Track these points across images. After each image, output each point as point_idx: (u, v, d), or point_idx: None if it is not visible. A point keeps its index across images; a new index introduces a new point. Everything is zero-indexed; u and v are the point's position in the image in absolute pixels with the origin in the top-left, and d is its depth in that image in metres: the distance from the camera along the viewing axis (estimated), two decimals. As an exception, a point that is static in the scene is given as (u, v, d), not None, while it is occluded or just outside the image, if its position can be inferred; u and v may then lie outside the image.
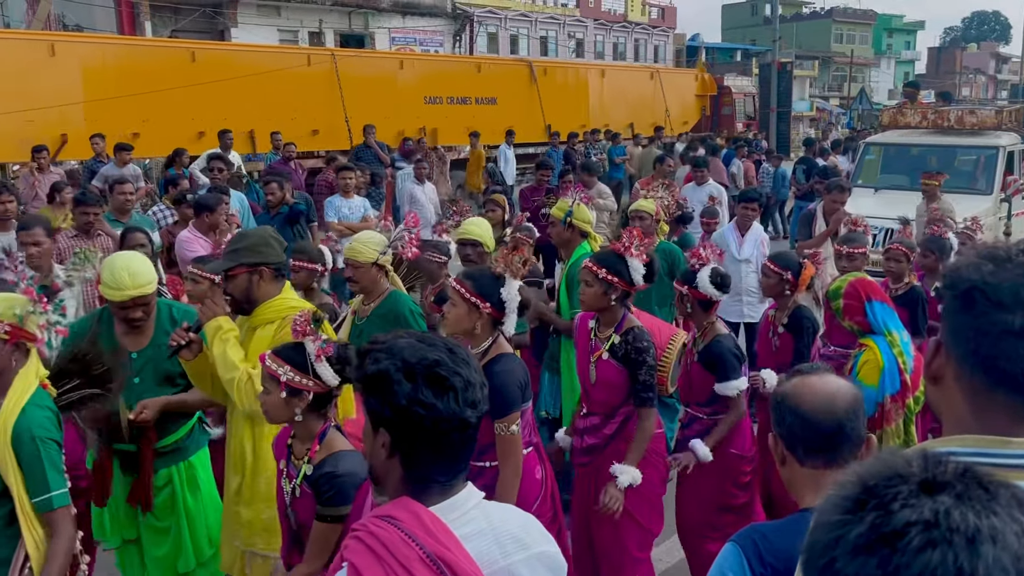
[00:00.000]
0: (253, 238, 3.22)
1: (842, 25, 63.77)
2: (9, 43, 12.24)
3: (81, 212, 5.94)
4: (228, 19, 29.39)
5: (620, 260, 3.42)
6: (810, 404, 1.76)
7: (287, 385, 2.47)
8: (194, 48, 14.37)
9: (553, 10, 41.00)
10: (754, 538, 1.72)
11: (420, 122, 16.13)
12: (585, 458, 3.57)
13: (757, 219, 6.83)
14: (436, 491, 1.52)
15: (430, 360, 1.49)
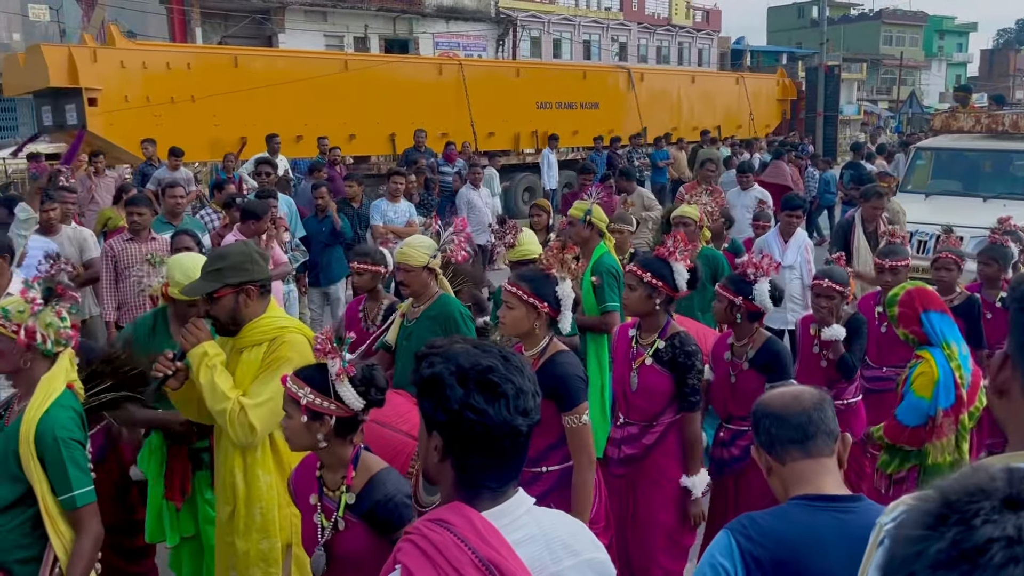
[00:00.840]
0: (236, 255, 3.00)
1: (891, 27, 62.61)
2: (199, 56, 14.26)
3: (130, 213, 6.07)
4: (276, 25, 29.88)
5: (664, 264, 3.43)
6: (778, 402, 1.93)
7: (308, 408, 2.31)
8: (346, 59, 16.53)
9: (596, 14, 40.93)
10: (744, 522, 1.84)
11: (533, 126, 17.53)
12: (622, 469, 3.53)
13: (801, 225, 6.75)
14: (487, 496, 1.53)
15: (483, 366, 1.51)
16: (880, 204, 6.81)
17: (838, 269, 4.38)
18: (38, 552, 2.58)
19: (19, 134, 24.93)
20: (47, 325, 2.65)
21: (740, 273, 3.81)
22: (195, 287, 2.95)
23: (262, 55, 16.48)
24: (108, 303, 6.01)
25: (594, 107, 18.95)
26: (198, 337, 2.91)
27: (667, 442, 3.43)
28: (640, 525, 3.48)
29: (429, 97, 15.86)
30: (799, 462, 1.87)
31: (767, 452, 1.91)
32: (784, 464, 1.88)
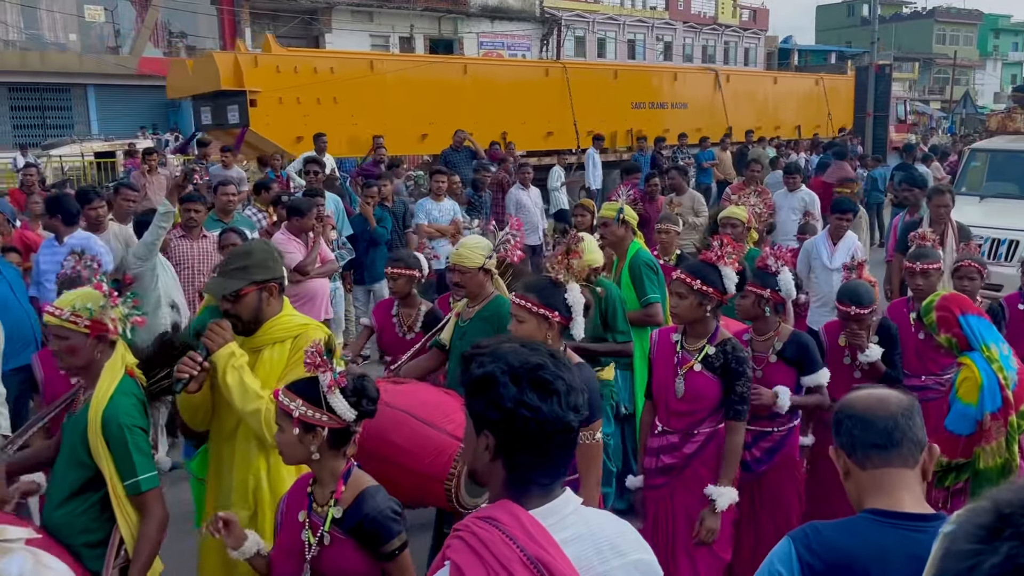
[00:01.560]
0: (260, 253, 2.98)
1: (945, 25, 61.17)
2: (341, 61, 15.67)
3: (186, 209, 6.19)
4: (323, 25, 30.26)
5: (713, 269, 3.37)
6: (863, 404, 1.81)
7: (300, 420, 2.30)
8: (465, 63, 17.90)
9: (641, 13, 40.67)
10: (807, 531, 1.77)
11: (628, 124, 18.37)
12: (660, 479, 3.46)
13: (851, 228, 6.61)
14: (537, 494, 1.55)
15: (534, 364, 1.53)
16: (943, 202, 6.56)
17: (863, 287, 4.14)
18: (104, 536, 2.65)
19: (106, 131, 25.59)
20: (124, 316, 2.73)
21: (761, 267, 3.80)
22: (222, 285, 2.91)
23: (393, 60, 18.05)
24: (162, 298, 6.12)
25: (683, 107, 19.77)
26: (224, 337, 2.85)
27: (706, 452, 3.38)
28: (681, 537, 3.41)
29: (536, 97, 16.96)
30: (880, 470, 1.76)
31: (847, 455, 1.81)
32: (864, 470, 1.78)
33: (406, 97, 15.08)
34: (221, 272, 2.97)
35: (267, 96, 13.59)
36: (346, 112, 14.31)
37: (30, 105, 26.80)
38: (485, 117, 15.87)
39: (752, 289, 3.75)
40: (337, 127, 13.70)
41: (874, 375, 4.07)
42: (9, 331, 5.54)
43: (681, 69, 24.73)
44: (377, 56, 17.38)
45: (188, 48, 29.58)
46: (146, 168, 10.92)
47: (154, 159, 10.91)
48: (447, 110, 15.34)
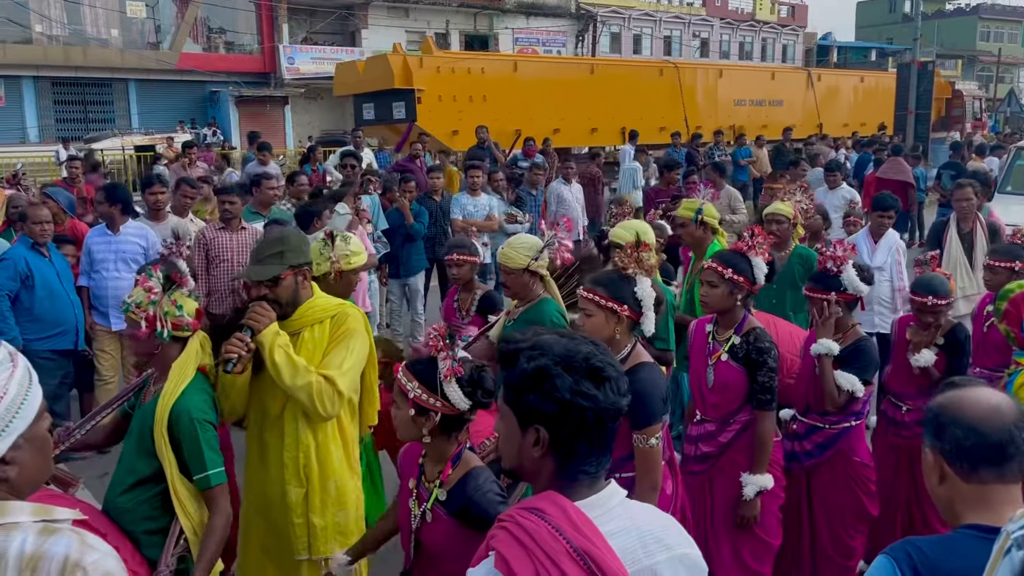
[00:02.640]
0: (293, 238, 3.07)
1: (989, 22, 59.85)
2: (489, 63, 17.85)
3: (222, 202, 6.25)
4: (359, 21, 30.44)
5: (744, 259, 3.37)
6: (974, 412, 1.64)
7: (415, 402, 2.33)
8: (592, 64, 19.83)
9: (678, 9, 40.34)
10: (908, 550, 1.64)
11: (731, 120, 19.84)
12: (698, 466, 3.48)
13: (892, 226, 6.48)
14: (585, 483, 1.54)
15: (584, 352, 1.53)
16: (964, 196, 6.46)
17: (939, 279, 4.08)
18: (164, 525, 2.69)
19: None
20: (165, 313, 2.75)
21: (821, 270, 3.74)
22: (262, 270, 2.97)
23: (531, 61, 20.38)
24: (199, 290, 6.20)
25: (779, 104, 21.32)
26: (269, 317, 2.89)
27: (743, 440, 3.38)
28: (720, 523, 3.43)
29: (652, 95, 18.76)
30: (988, 485, 1.63)
31: (949, 463, 1.66)
32: (968, 482, 1.64)
33: (541, 95, 16.75)
34: (257, 259, 3.03)
35: (429, 94, 15.15)
36: (492, 109, 15.86)
37: (72, 99, 27.29)
38: (608, 113, 17.65)
39: (815, 296, 3.70)
40: (484, 122, 14.91)
41: (931, 382, 3.99)
42: (53, 318, 5.68)
43: (778, 69, 26.71)
44: (520, 58, 19.90)
45: (227, 44, 29.96)
46: (186, 161, 11.06)
47: (193, 152, 11.04)
48: (576, 106, 17.09)
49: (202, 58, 28.33)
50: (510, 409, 1.57)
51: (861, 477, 3.73)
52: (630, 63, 24.74)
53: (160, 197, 6.41)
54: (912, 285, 4.17)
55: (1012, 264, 4.45)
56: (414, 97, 15.00)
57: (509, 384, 1.56)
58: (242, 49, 29.91)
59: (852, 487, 3.71)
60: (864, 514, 3.74)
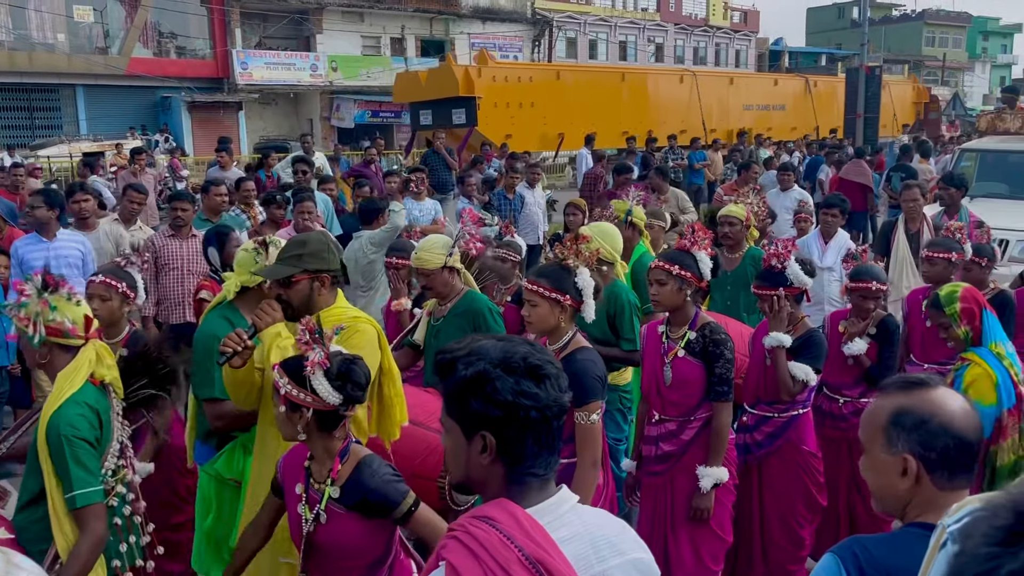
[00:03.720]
0: (315, 243, 3.02)
1: (934, 28, 61.43)
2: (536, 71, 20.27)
3: (174, 208, 6.15)
4: (314, 26, 30.19)
5: (688, 255, 3.48)
6: (962, 422, 1.64)
7: (286, 398, 2.32)
8: (623, 71, 22.42)
9: (633, 15, 40.73)
10: (855, 550, 1.64)
11: (741, 124, 21.51)
12: (660, 466, 3.52)
13: (841, 226, 6.61)
14: (536, 486, 1.53)
15: (521, 353, 1.52)
16: (911, 196, 6.65)
17: (876, 267, 4.34)
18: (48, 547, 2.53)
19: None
20: (36, 315, 2.59)
21: (767, 268, 3.88)
22: (275, 270, 2.96)
23: (571, 70, 22.46)
24: (148, 299, 6.07)
25: (781, 109, 23.33)
26: (273, 317, 2.87)
27: (705, 436, 3.44)
28: (681, 522, 3.47)
29: (673, 99, 21.02)
30: (957, 492, 1.63)
31: (930, 470, 1.63)
32: (942, 490, 1.63)
33: (580, 100, 18.70)
34: (277, 259, 3.03)
35: (487, 101, 16.77)
36: (539, 114, 17.89)
37: (18, 105, 26.62)
38: (636, 117, 19.64)
39: (764, 292, 3.83)
40: (532, 126, 17.40)
41: (863, 365, 4.17)
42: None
43: (781, 76, 28.62)
44: (562, 67, 22.77)
45: (178, 49, 29.49)
46: (136, 168, 10.84)
47: (143, 159, 10.83)
48: (610, 111, 19.03)
49: (152, 63, 27.84)
50: (453, 421, 1.55)
51: (810, 467, 3.82)
52: (655, 71, 26.98)
53: (84, 205, 6.15)
54: (852, 274, 4.29)
55: (948, 255, 4.61)
56: (475, 104, 16.46)
57: (449, 394, 1.54)
58: (194, 54, 29.46)
59: (801, 477, 3.80)
60: (814, 503, 3.83)
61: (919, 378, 1.72)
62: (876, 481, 1.71)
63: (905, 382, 1.72)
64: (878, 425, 1.69)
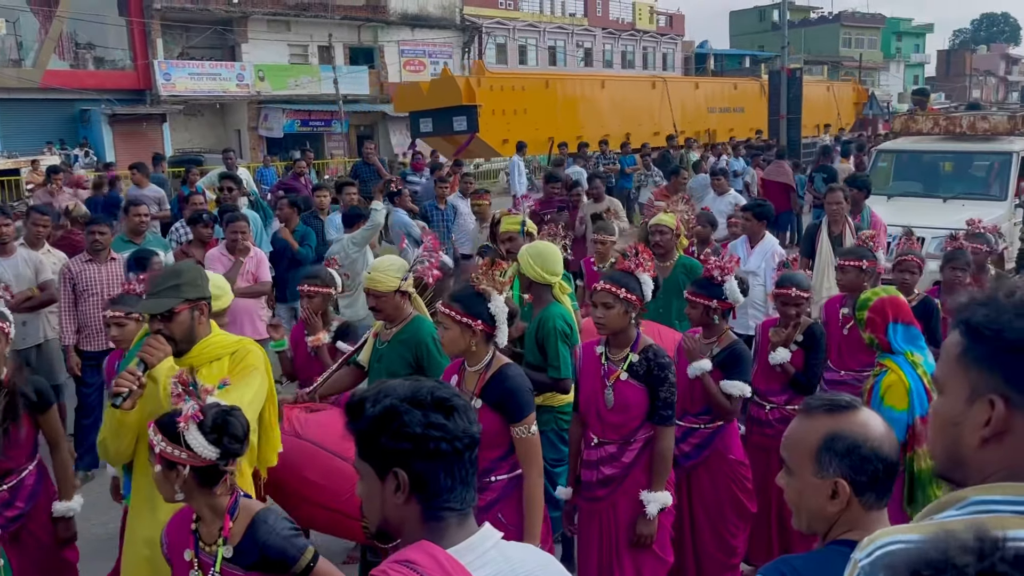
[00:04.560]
0: (190, 272, 2.97)
1: (851, 29, 63.53)
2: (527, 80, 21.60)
3: (91, 232, 5.94)
4: (239, 35, 29.61)
5: (632, 278, 3.45)
6: (888, 447, 1.69)
7: (161, 456, 2.22)
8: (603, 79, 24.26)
9: (561, 20, 41.07)
10: (782, 569, 1.67)
11: (707, 125, 23.66)
12: (602, 491, 3.47)
13: (766, 230, 6.71)
14: (454, 523, 1.53)
15: (427, 388, 1.54)
16: (835, 199, 6.76)
17: (800, 275, 4.42)
18: None
19: None
20: None
21: (706, 277, 3.91)
22: (156, 303, 2.85)
23: (558, 78, 23.69)
24: (67, 326, 5.86)
25: (740, 111, 25.00)
26: (164, 351, 2.77)
27: (645, 458, 3.42)
28: (625, 546, 3.43)
29: (648, 104, 22.68)
30: (881, 512, 1.70)
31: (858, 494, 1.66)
32: (869, 511, 1.68)
33: (566, 107, 20.58)
34: (151, 293, 2.92)
35: (485, 109, 18.17)
36: (531, 120, 19.28)
37: (-74, 121, 25.45)
38: (615, 121, 21.15)
39: (698, 300, 3.87)
40: (525, 132, 18.17)
41: (788, 372, 4.26)
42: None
43: (740, 80, 30.21)
44: (551, 76, 24.20)
45: (96, 60, 28.58)
46: (54, 188, 10.41)
47: (59, 179, 10.41)
48: (592, 117, 20.83)
49: (70, 75, 26.90)
50: (365, 462, 1.55)
51: (738, 475, 3.86)
52: (631, 79, 29.06)
53: (4, 230, 5.88)
54: (776, 281, 4.41)
55: (859, 263, 4.72)
56: (476, 112, 17.79)
57: (360, 434, 1.54)
58: (113, 65, 28.57)
59: (730, 486, 3.84)
60: (744, 512, 3.87)
61: (844, 400, 1.75)
62: (803, 503, 1.73)
63: (831, 405, 1.74)
64: (808, 450, 1.70)
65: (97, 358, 5.86)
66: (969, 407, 1.17)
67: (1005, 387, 1.13)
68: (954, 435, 1.19)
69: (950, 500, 1.16)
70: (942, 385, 1.23)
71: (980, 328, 1.15)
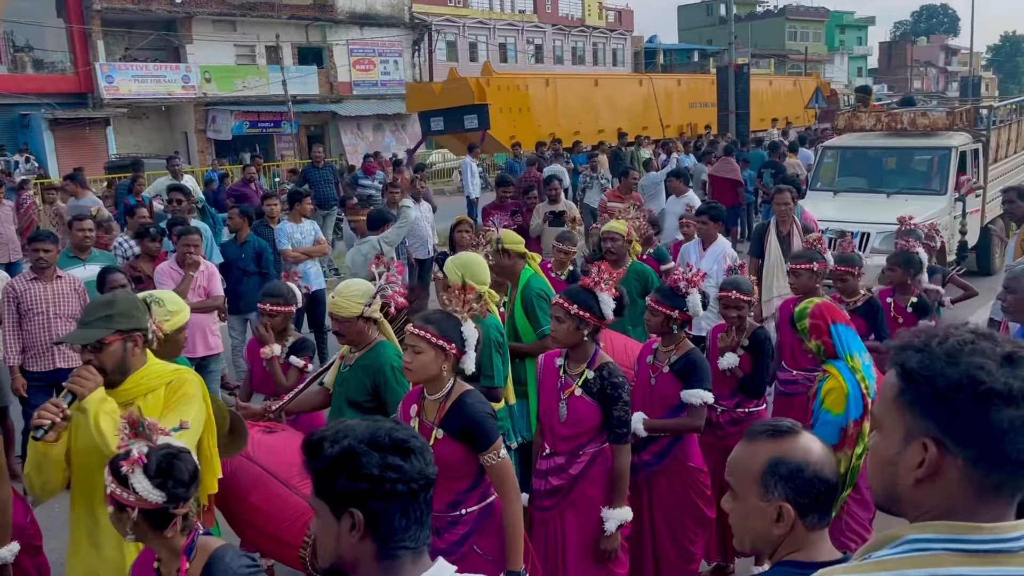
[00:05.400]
0: (124, 302, 2.89)
1: (796, 23, 64.68)
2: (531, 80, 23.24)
3: (36, 250, 5.76)
4: (183, 36, 29.05)
5: (590, 295, 3.44)
6: (829, 470, 1.76)
7: (111, 498, 2.22)
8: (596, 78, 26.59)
9: (511, 16, 41.09)
10: None
11: (688, 119, 25.34)
12: (549, 500, 3.51)
13: (720, 232, 6.78)
14: (408, 561, 1.56)
15: (386, 428, 1.57)
16: (782, 200, 6.84)
17: (743, 279, 4.51)
18: None
19: None
20: None
21: (671, 286, 3.93)
22: (85, 334, 2.79)
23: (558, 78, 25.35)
24: (12, 347, 5.71)
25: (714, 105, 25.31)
26: (94, 382, 2.70)
27: (592, 471, 3.45)
28: (572, 556, 3.47)
29: (637, 100, 24.41)
30: (823, 532, 1.76)
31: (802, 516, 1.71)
32: (812, 531, 1.73)
33: (565, 104, 22.20)
34: (82, 322, 2.86)
35: (494, 108, 19.71)
36: (534, 118, 21.08)
37: None
38: (610, 118, 22.87)
39: (660, 308, 3.87)
40: (529, 129, 19.97)
41: (737, 376, 4.34)
42: None
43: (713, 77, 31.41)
44: (552, 75, 26.10)
45: (35, 62, 27.81)
46: None
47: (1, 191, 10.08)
48: (588, 114, 22.60)
49: (7, 79, 26.14)
50: (321, 500, 1.57)
51: (697, 483, 3.91)
52: (620, 77, 31.06)
53: None
54: (720, 285, 4.52)
55: (811, 265, 4.85)
56: (486, 110, 19.32)
57: (317, 473, 1.56)
58: (53, 68, 27.84)
59: (689, 493, 3.88)
60: (703, 518, 3.92)
61: (785, 425, 1.80)
62: (748, 526, 1.77)
63: (773, 430, 1.79)
64: (753, 474, 1.74)
65: (44, 378, 5.74)
66: (904, 448, 1.21)
67: (937, 431, 1.17)
68: (891, 473, 1.24)
69: (885, 539, 1.21)
70: (879, 424, 1.28)
71: (914, 373, 1.20)
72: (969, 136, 10.59)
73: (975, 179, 10.37)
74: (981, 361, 1.15)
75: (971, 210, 10.20)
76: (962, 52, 72.91)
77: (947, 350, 1.17)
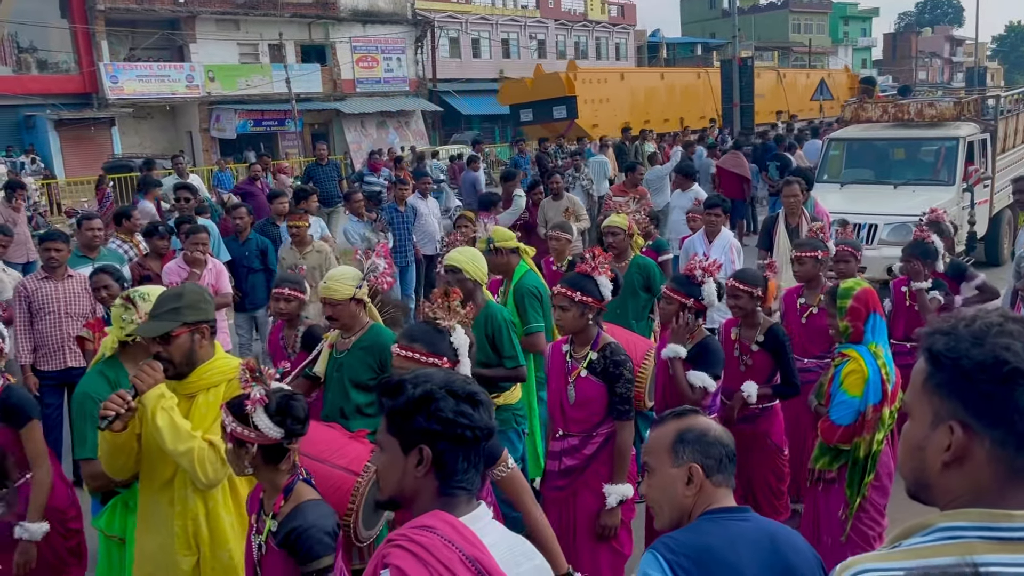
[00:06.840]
0: (192, 294, 2.94)
1: (799, 15, 64.51)
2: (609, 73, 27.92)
3: (47, 249, 5.79)
4: (187, 35, 29.09)
5: (589, 280, 3.56)
6: (726, 436, 2.07)
7: (231, 435, 2.43)
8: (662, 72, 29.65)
9: (514, 12, 41.02)
10: (665, 542, 1.95)
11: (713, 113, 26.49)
12: (563, 481, 3.59)
13: (725, 225, 6.78)
14: (464, 500, 1.74)
15: (460, 380, 1.79)
16: (791, 192, 6.86)
17: (751, 271, 4.55)
18: None
19: None
20: None
21: (687, 274, 3.97)
22: (153, 327, 2.84)
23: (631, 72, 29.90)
24: (23, 346, 5.73)
25: (761, 97, 26.41)
26: (155, 378, 2.77)
27: (606, 452, 3.52)
28: (583, 536, 3.53)
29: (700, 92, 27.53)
30: (729, 489, 2.04)
31: (709, 475, 2.00)
32: (717, 486, 2.01)
33: (635, 97, 25.40)
34: (152, 315, 2.92)
35: (581, 99, 22.57)
36: (612, 108, 23.94)
37: None
38: (672, 109, 26.03)
39: (675, 296, 3.93)
40: (609, 119, 22.80)
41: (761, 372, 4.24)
42: None
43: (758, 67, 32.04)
44: (625, 70, 30.53)
45: (40, 63, 27.88)
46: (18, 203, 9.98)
47: (21, 195, 10.02)
48: (656, 105, 25.80)
49: (12, 80, 26.22)
50: (392, 436, 1.74)
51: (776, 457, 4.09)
52: (687, 70, 32.87)
53: None
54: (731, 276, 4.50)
55: (815, 253, 4.89)
56: (575, 101, 22.27)
57: (395, 410, 1.73)
58: (58, 69, 27.91)
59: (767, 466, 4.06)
60: None
61: (685, 408, 2.14)
62: (663, 496, 2.03)
63: (677, 412, 2.11)
64: (665, 446, 2.03)
65: (56, 377, 5.76)
66: (932, 432, 1.21)
67: (964, 414, 1.18)
68: (920, 459, 1.24)
69: (916, 527, 1.21)
70: (910, 410, 1.28)
71: (940, 356, 1.20)
72: (977, 126, 10.55)
73: (983, 169, 10.33)
74: (1007, 342, 1.16)
75: (979, 200, 10.17)
76: (967, 43, 72.69)
77: (973, 332, 1.18)
